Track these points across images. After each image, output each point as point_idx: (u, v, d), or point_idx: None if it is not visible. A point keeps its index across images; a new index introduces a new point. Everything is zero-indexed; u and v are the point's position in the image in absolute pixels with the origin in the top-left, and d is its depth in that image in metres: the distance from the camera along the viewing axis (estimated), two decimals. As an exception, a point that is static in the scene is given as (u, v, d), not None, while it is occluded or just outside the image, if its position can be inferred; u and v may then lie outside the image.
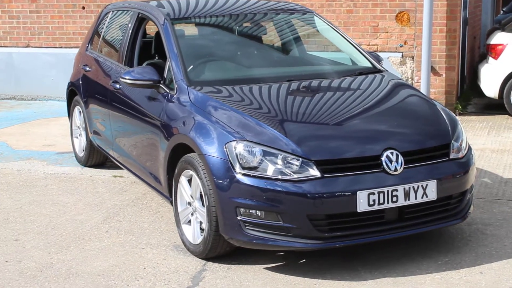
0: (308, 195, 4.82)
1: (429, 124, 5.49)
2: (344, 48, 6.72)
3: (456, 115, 10.63)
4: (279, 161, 4.93)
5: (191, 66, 5.95)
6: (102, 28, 7.74)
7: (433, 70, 10.70)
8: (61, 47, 12.60)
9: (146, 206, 6.64)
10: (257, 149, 4.98)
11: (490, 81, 10.65)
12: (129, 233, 5.98)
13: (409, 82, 10.87)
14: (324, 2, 11.15)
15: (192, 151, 5.31)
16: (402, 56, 10.94)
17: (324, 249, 5.11)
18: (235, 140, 5.04)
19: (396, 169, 5.00)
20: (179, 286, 5.01)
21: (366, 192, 4.88)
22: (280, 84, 5.84)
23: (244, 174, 4.94)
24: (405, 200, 5.00)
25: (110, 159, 7.41)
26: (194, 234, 5.41)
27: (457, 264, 5.22)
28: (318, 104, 5.54)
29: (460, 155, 5.39)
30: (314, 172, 4.89)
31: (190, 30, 6.78)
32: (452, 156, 5.30)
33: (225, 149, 5.04)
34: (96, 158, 7.84)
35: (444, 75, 10.78)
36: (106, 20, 7.73)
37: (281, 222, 4.90)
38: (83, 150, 7.92)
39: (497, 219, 6.11)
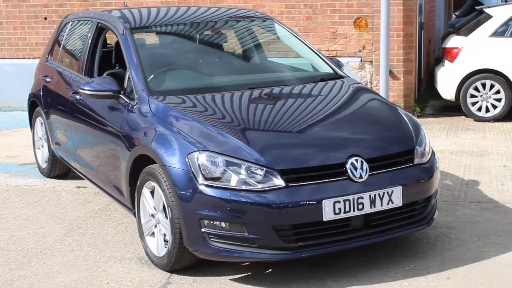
0: (273, 205, 4.53)
1: (392, 129, 5.23)
2: (305, 54, 6.44)
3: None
4: (243, 171, 4.63)
5: (152, 76, 5.62)
6: (62, 38, 7.37)
7: (391, 74, 10.51)
8: (24, 58, 12.18)
9: (109, 217, 6.30)
10: (220, 159, 4.68)
11: (446, 83, 10.47)
12: (92, 246, 5.64)
13: (368, 86, 10.66)
14: (284, 9, 10.90)
15: (154, 162, 4.99)
16: (361, 60, 10.73)
17: (291, 259, 4.83)
18: (197, 151, 4.73)
19: (361, 176, 4.73)
20: (143, 302, 4.70)
21: (332, 200, 4.60)
22: (242, 92, 5.53)
23: (207, 185, 4.64)
24: (371, 207, 4.73)
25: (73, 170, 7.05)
26: (158, 246, 5.09)
27: (424, 270, 4.96)
28: (280, 112, 5.25)
29: (424, 160, 5.15)
30: (278, 181, 4.60)
31: (151, 39, 6.45)
32: (416, 161, 5.04)
33: (187, 160, 4.73)
34: (59, 169, 7.47)
35: (402, 78, 10.60)
36: (66, 30, 7.36)
37: (246, 233, 4.60)
38: (46, 161, 7.55)
39: (461, 221, 5.89)
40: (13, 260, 5.43)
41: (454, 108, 10.68)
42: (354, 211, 4.68)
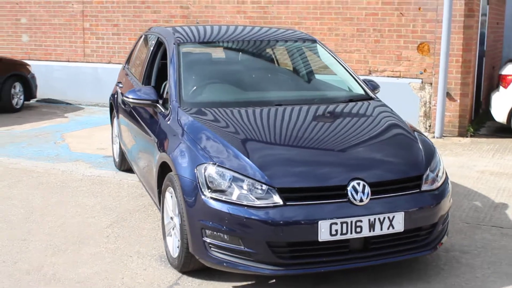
0: (268, 222, 3.84)
1: (401, 154, 4.39)
2: (342, 75, 5.66)
3: (467, 137, 9.42)
4: (245, 187, 3.96)
5: (188, 88, 5.03)
6: (136, 49, 6.90)
7: (448, 96, 9.48)
8: (134, 64, 11.90)
9: (153, 213, 5.75)
10: (226, 173, 4.02)
11: (500, 107, 9.36)
12: (126, 240, 5.11)
13: (427, 105, 9.68)
14: (355, 32, 10.06)
15: (176, 169, 4.39)
16: (422, 82, 9.74)
17: (286, 275, 4.11)
18: (205, 163, 4.10)
19: (361, 200, 3.95)
20: (145, 301, 4.12)
21: (328, 222, 3.86)
22: (268, 108, 4.84)
23: (210, 197, 4.00)
24: (370, 231, 3.95)
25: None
26: (174, 247, 4.50)
27: (423, 295, 4.14)
28: (294, 130, 4.52)
29: (435, 186, 4.29)
30: (277, 199, 3.89)
31: (200, 54, 5.82)
32: (424, 187, 4.19)
33: (196, 171, 4.11)
34: (127, 163, 7.01)
35: (458, 100, 9.53)
36: (140, 42, 6.89)
37: (242, 247, 3.93)
38: (118, 156, 7.12)
39: (477, 246, 4.97)
40: (53, 246, 4.98)
41: (506, 130, 9.53)
42: (351, 233, 3.92)
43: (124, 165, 7.04)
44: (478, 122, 10.42)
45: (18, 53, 13.12)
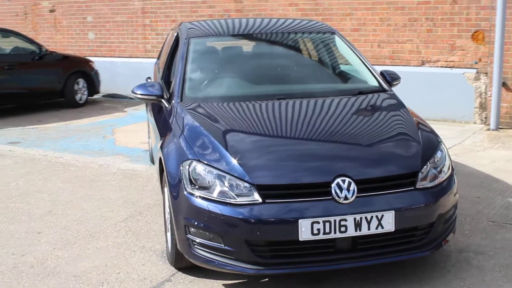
0: (246, 220, 3.67)
1: (395, 151, 4.07)
2: (358, 67, 5.38)
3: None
4: (226, 183, 3.81)
5: (191, 83, 4.93)
6: (164, 45, 6.88)
7: (504, 86, 8.91)
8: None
9: (170, 207, 5.70)
10: (208, 170, 3.89)
11: (560, 98, 8.70)
12: (135, 234, 5.09)
13: (483, 96, 9.14)
14: (407, 22, 9.63)
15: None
16: (477, 72, 9.20)
17: (267, 275, 3.94)
18: (190, 160, 3.98)
19: (346, 198, 3.71)
20: (132, 297, 4.06)
21: (309, 220, 3.64)
22: (265, 103, 4.64)
23: (192, 194, 3.87)
24: (356, 231, 3.70)
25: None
26: (170, 243, 4.42)
27: (419, 298, 3.87)
28: (284, 125, 4.32)
29: (436, 182, 3.97)
30: (256, 196, 3.72)
31: (209, 49, 5.69)
32: (419, 185, 3.88)
33: (181, 167, 4.00)
34: (159, 157, 7.02)
35: (515, 90, 8.95)
36: (167, 38, 6.85)
37: (222, 245, 3.80)
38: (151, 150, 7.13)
39: (495, 247, 4.60)
40: (63, 240, 5.03)
41: None
42: (335, 233, 3.69)
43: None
44: (540, 113, 9.75)
45: (85, 50, 13.47)
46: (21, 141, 8.72)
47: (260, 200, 3.70)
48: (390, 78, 5.26)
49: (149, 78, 6.87)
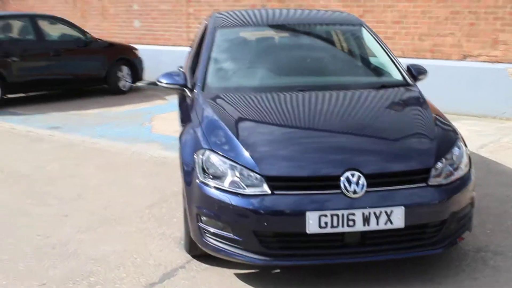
0: (254, 211, 3.70)
1: (409, 146, 4.02)
2: (383, 60, 5.33)
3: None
4: (237, 174, 3.84)
5: (214, 72, 4.98)
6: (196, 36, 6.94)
7: (548, 82, 8.68)
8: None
9: (195, 195, 5.78)
10: (221, 160, 3.93)
11: None
12: (158, 221, 5.19)
13: (525, 92, 8.92)
14: (449, 15, 9.46)
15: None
16: (520, 67, 8.99)
17: (274, 266, 3.97)
18: (203, 149, 4.04)
19: (355, 192, 3.70)
20: (145, 281, 4.14)
21: (317, 213, 3.65)
22: (284, 95, 4.63)
23: (204, 183, 3.93)
24: (364, 226, 3.69)
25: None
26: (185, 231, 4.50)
27: (429, 297, 3.83)
28: (299, 117, 4.30)
29: (452, 179, 3.91)
30: (265, 188, 3.75)
31: (235, 39, 5.72)
32: (432, 181, 3.83)
33: (195, 156, 4.06)
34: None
35: (559, 87, 8.70)
36: (199, 29, 6.92)
37: (231, 234, 3.85)
38: (183, 138, 7.23)
39: (515, 248, 4.52)
40: (88, 224, 5.16)
41: None
42: (343, 227, 3.68)
43: (188, 148, 7.12)
44: None
45: (131, 38, 13.70)
46: (61, 126, 8.96)
47: (269, 192, 3.72)
48: (416, 72, 5.20)
49: (181, 67, 6.96)
